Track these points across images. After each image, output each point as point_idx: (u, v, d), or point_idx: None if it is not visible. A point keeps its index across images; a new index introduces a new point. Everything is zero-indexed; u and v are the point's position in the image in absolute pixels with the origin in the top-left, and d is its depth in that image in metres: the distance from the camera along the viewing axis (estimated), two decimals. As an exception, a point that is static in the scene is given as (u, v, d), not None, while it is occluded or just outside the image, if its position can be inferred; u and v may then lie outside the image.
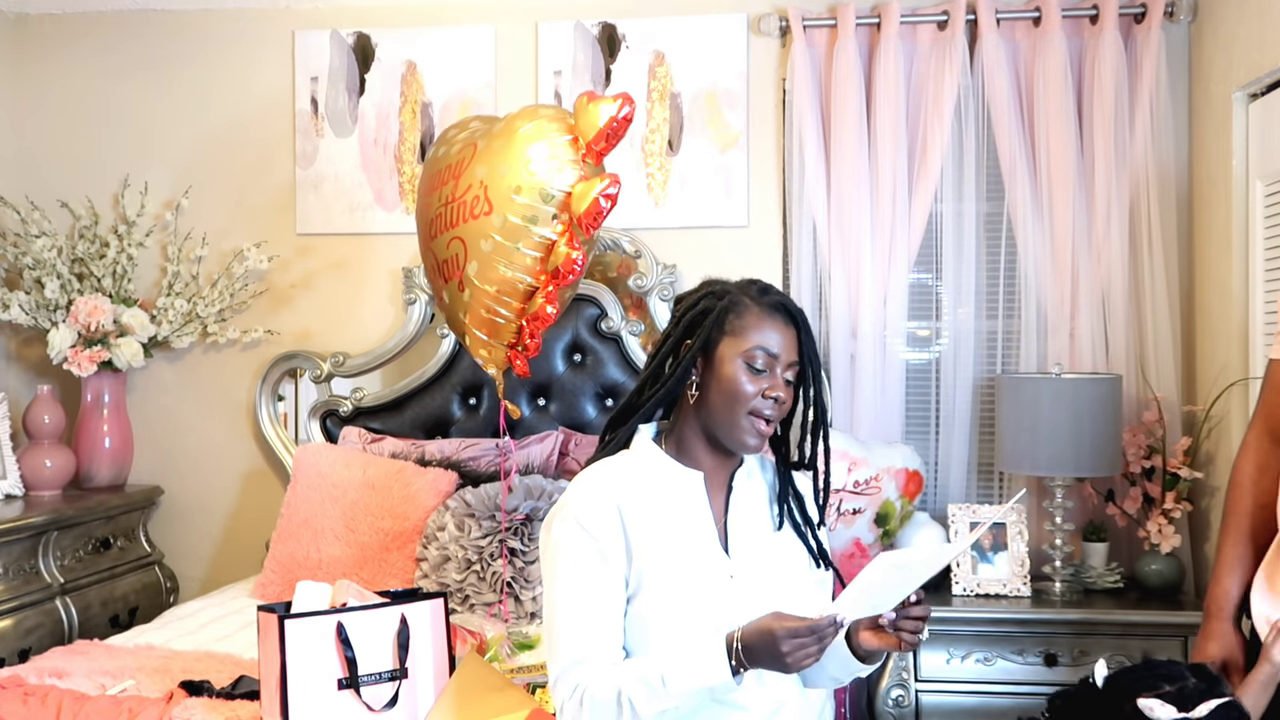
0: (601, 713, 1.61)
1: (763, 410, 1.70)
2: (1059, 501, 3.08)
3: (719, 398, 1.72)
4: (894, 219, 3.35)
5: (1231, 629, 2.07)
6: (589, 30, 3.56)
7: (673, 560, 1.70)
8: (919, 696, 2.99)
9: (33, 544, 3.16)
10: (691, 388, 1.75)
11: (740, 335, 1.72)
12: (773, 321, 1.73)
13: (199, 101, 3.72)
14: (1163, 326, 3.25)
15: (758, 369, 1.71)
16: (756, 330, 1.71)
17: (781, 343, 1.72)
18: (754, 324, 1.72)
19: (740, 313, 1.73)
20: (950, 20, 3.32)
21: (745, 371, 1.70)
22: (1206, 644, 2.07)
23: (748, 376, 1.70)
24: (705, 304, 1.75)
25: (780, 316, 1.74)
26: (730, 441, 1.74)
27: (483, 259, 2.56)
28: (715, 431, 1.74)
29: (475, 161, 2.58)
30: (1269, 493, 2.05)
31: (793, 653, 1.53)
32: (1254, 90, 2.94)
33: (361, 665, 2.06)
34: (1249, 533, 2.09)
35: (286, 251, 3.68)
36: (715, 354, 1.73)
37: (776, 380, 1.71)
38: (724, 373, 1.71)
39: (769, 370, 1.71)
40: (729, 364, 1.71)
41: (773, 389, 1.70)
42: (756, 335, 1.71)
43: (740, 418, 1.71)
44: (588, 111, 2.50)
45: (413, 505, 3.07)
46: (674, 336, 1.77)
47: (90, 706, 2.16)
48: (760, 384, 1.70)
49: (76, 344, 3.46)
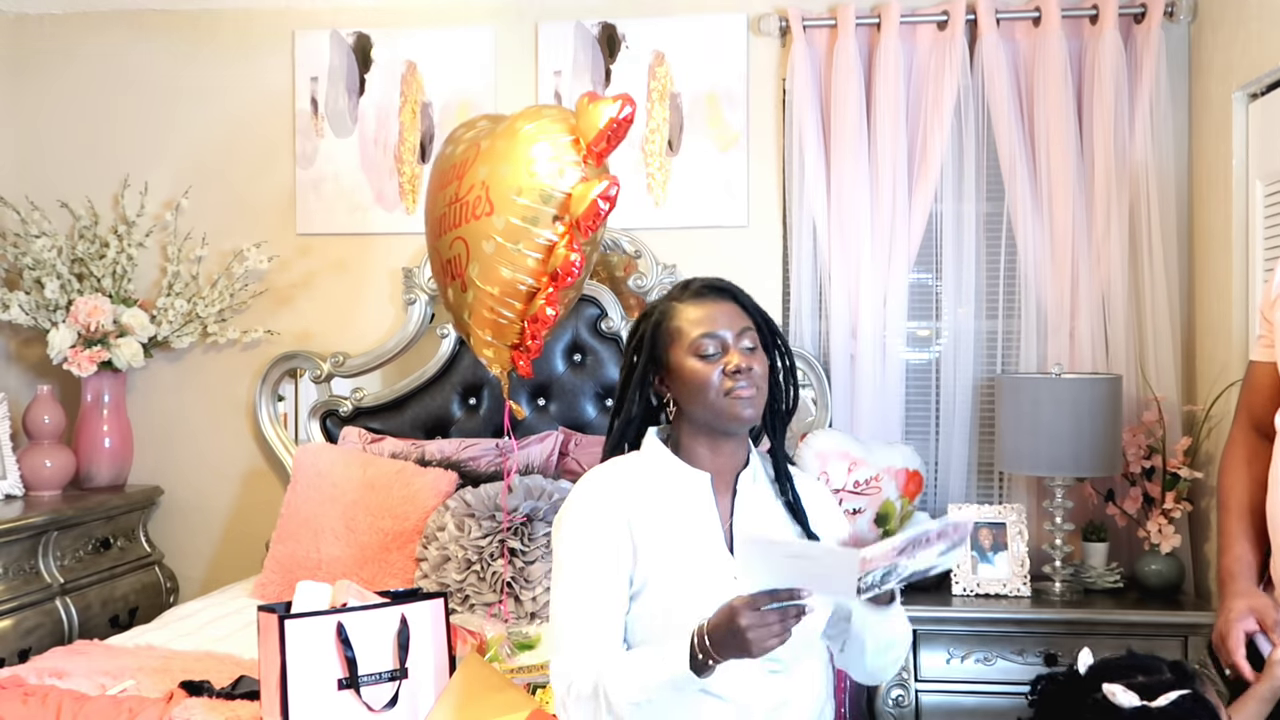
0: (584, 707, 1.64)
1: (736, 385, 1.73)
2: (1059, 501, 3.08)
3: (690, 397, 1.76)
4: (894, 219, 3.35)
5: (1255, 587, 2.00)
6: (589, 30, 3.56)
7: (678, 560, 1.72)
8: (919, 696, 2.99)
9: (33, 544, 3.16)
10: (669, 404, 1.80)
11: (680, 336, 1.76)
12: (704, 307, 1.77)
13: (199, 101, 3.72)
14: (1163, 326, 3.25)
15: (709, 355, 1.74)
16: (691, 323, 1.76)
17: (721, 319, 1.76)
18: (687, 319, 1.77)
19: (672, 316, 1.78)
20: (950, 20, 3.32)
21: (700, 362, 1.74)
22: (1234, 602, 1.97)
23: (704, 365, 1.74)
24: (641, 328, 1.81)
25: (709, 298, 1.79)
26: (725, 425, 1.76)
27: (485, 260, 2.55)
28: (709, 424, 1.77)
29: (479, 161, 2.58)
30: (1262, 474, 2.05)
31: (753, 627, 1.50)
32: (1254, 90, 2.94)
33: (362, 665, 2.06)
34: (1249, 507, 2.08)
35: (286, 251, 3.68)
36: (670, 368, 1.77)
37: (731, 353, 1.74)
38: (684, 375, 1.76)
39: (721, 351, 1.75)
40: (684, 365, 1.75)
41: (729, 363, 1.73)
42: (694, 327, 1.76)
43: (718, 402, 1.74)
44: (588, 112, 2.49)
45: (413, 505, 3.07)
46: (625, 368, 1.83)
47: (90, 706, 2.16)
48: (719, 365, 1.74)
49: (76, 344, 3.46)
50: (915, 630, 2.98)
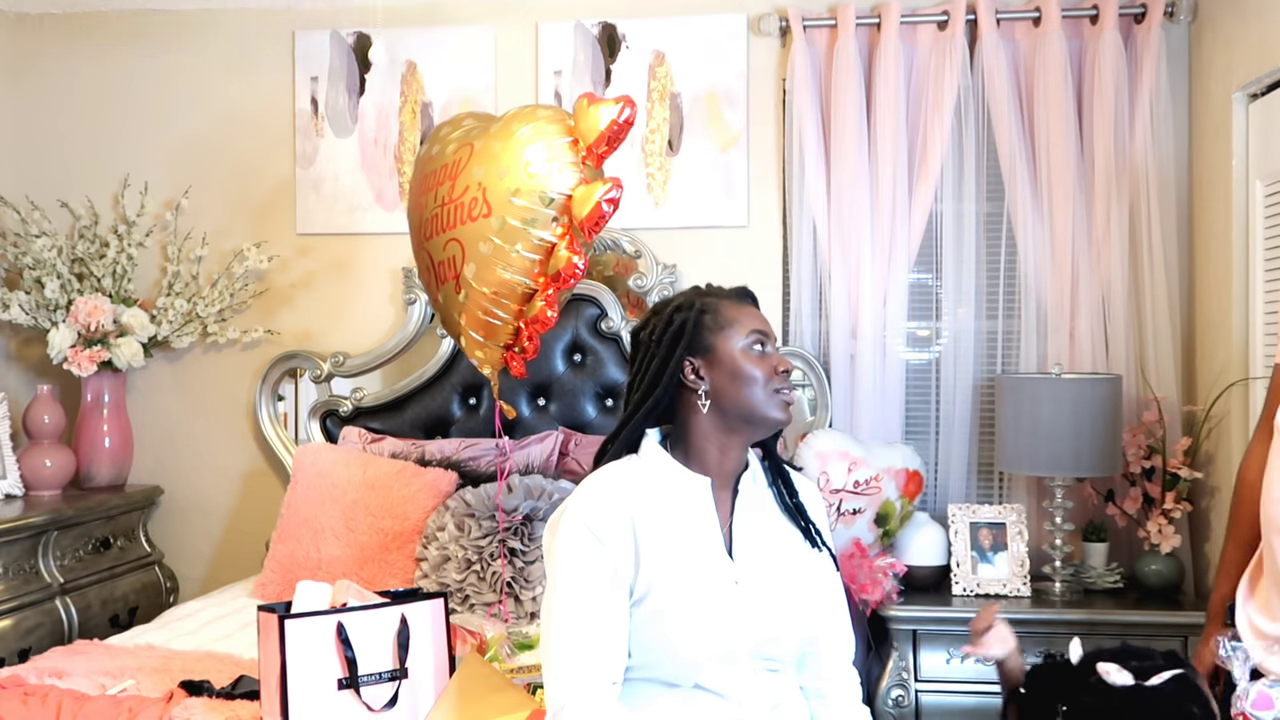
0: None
1: (783, 386, 1.76)
2: (1059, 501, 3.08)
3: (738, 392, 1.75)
4: (894, 219, 3.35)
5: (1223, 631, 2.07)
6: (589, 30, 3.56)
7: (678, 565, 1.70)
8: (919, 696, 3.00)
9: (33, 544, 3.16)
10: (701, 397, 1.76)
11: (731, 328, 1.77)
12: (748, 308, 1.82)
13: (199, 101, 3.72)
14: (1163, 326, 3.25)
15: (761, 351, 1.76)
16: (742, 320, 1.78)
17: (765, 322, 1.80)
18: (737, 315, 1.78)
19: (718, 311, 1.79)
20: (950, 20, 3.32)
21: (753, 358, 1.75)
22: (1203, 649, 2.16)
23: (756, 361, 1.75)
24: (678, 317, 1.78)
25: (749, 302, 1.84)
26: (761, 422, 1.77)
27: (481, 261, 2.54)
28: (742, 419, 1.75)
29: (473, 162, 2.56)
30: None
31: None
32: (1254, 90, 2.94)
33: (361, 665, 2.05)
34: (1246, 540, 2.11)
35: (286, 251, 3.68)
36: (715, 356, 1.75)
37: (779, 355, 1.78)
38: (735, 365, 1.75)
39: (771, 350, 1.78)
40: (735, 358, 1.75)
41: (781, 363, 1.77)
42: (747, 322, 1.78)
43: (766, 397, 1.75)
44: (588, 115, 2.47)
45: (413, 505, 3.07)
46: (659, 356, 1.77)
47: (90, 706, 2.16)
48: (769, 363, 1.76)
49: (76, 344, 3.46)
50: (915, 630, 3.01)
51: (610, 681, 1.65)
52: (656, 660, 1.68)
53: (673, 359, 1.76)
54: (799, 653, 1.79)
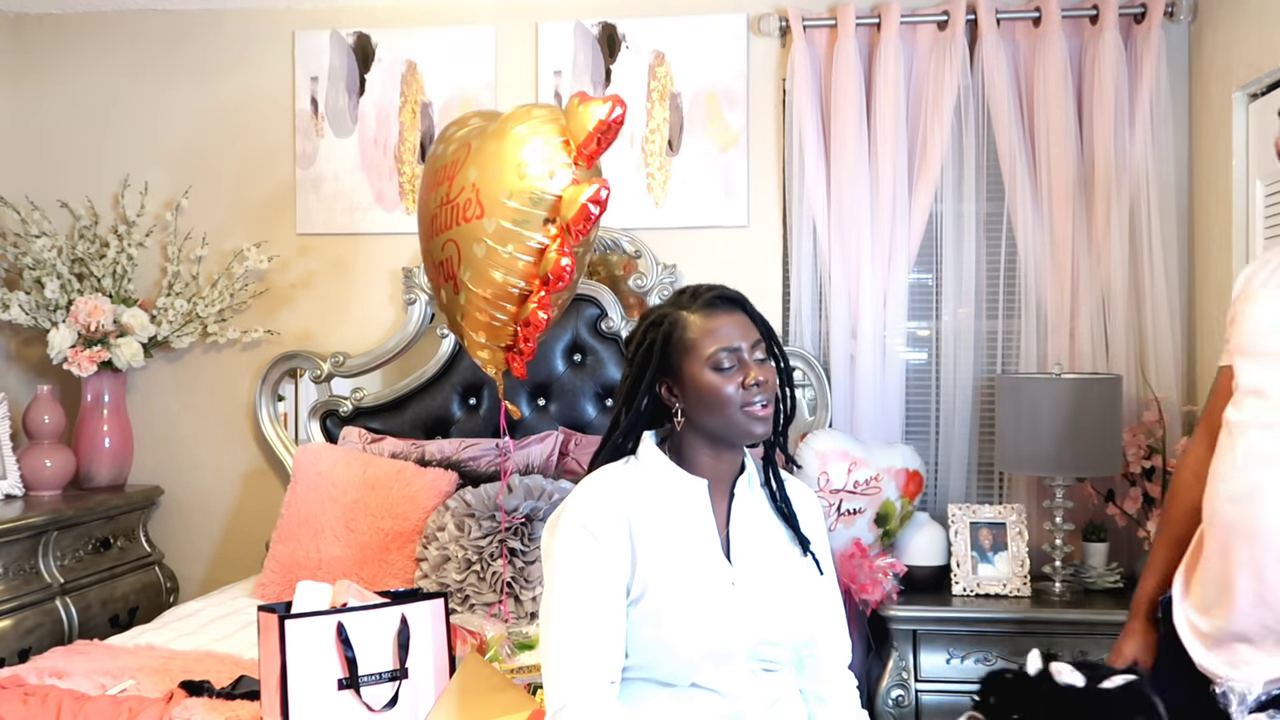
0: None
1: (752, 400, 1.71)
2: (1059, 501, 3.08)
3: (706, 411, 1.73)
4: (894, 219, 3.35)
5: (1145, 627, 2.17)
6: (589, 30, 3.56)
7: (675, 567, 1.70)
8: (919, 696, 2.99)
9: (33, 544, 3.16)
10: (677, 414, 1.75)
11: (696, 347, 1.72)
12: (718, 318, 1.74)
13: (199, 101, 3.72)
14: (1163, 326, 3.25)
15: (727, 368, 1.71)
16: (707, 335, 1.72)
17: (735, 332, 1.73)
18: (702, 330, 1.73)
19: (685, 326, 1.74)
20: (950, 20, 3.32)
21: (718, 376, 1.71)
22: (1123, 642, 2.20)
23: (722, 379, 1.71)
24: (648, 337, 1.76)
25: (721, 309, 1.75)
26: (738, 438, 1.75)
27: (476, 263, 2.52)
28: (720, 435, 1.75)
29: (469, 163, 2.54)
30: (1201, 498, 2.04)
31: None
32: (1254, 90, 2.94)
33: (362, 665, 2.06)
34: (1178, 538, 2.12)
35: (286, 251, 3.68)
36: (682, 378, 1.74)
37: (749, 367, 1.72)
38: (700, 387, 1.72)
39: (738, 364, 1.72)
40: (701, 377, 1.72)
41: (749, 378, 1.71)
42: (710, 339, 1.72)
43: (736, 416, 1.72)
44: (578, 114, 2.45)
45: (413, 505, 3.07)
46: (632, 377, 1.78)
47: (90, 706, 2.16)
48: (737, 379, 1.71)
49: (76, 344, 3.46)
50: (915, 630, 3.00)
51: (609, 680, 1.65)
52: (653, 660, 1.69)
53: (643, 381, 1.75)
54: (796, 655, 1.79)
